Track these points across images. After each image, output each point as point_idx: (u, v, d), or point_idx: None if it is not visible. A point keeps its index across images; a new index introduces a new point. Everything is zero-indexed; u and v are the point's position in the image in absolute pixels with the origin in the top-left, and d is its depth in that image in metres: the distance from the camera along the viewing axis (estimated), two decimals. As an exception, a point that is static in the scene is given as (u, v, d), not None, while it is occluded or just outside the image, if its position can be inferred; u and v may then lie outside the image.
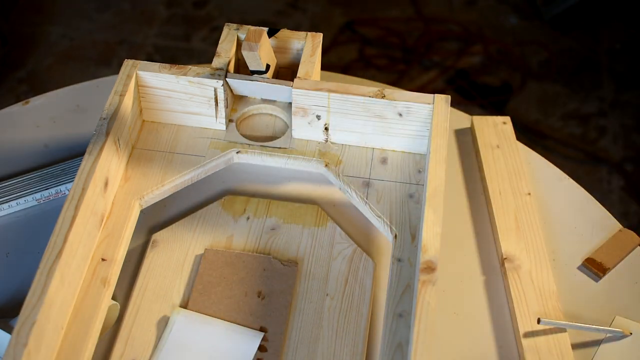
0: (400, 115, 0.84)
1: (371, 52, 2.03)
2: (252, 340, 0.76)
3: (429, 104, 0.83)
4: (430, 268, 0.73)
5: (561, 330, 0.78)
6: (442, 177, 0.79)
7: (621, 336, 0.79)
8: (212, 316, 0.78)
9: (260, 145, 0.88)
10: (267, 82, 0.86)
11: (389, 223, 0.81)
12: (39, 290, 0.68)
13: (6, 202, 0.87)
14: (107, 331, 0.78)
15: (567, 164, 1.78)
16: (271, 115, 0.92)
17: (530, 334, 0.78)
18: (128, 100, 0.84)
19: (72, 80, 1.13)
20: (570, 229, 0.88)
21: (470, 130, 0.98)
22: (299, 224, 0.86)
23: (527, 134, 1.85)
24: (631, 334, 0.79)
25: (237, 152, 0.87)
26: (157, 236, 0.85)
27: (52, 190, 0.88)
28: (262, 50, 0.84)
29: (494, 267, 0.85)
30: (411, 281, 0.77)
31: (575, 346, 0.78)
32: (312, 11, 2.12)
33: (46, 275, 0.69)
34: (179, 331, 0.77)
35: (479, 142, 0.95)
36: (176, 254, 0.83)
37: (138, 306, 0.79)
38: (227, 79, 0.86)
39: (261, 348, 0.76)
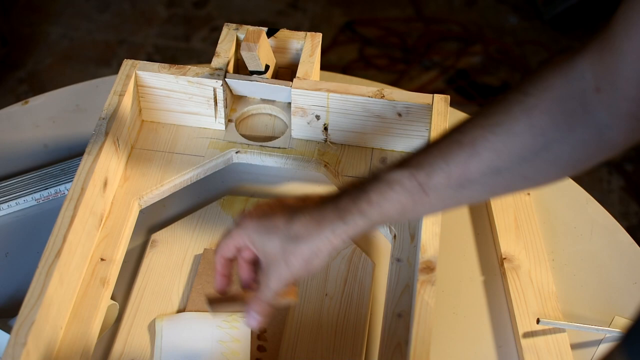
0: (400, 115, 0.84)
1: (371, 52, 2.03)
2: (243, 326, 0.76)
3: (428, 104, 0.83)
4: (429, 268, 0.73)
5: (560, 330, 0.78)
6: (442, 177, 0.79)
7: (620, 336, 0.79)
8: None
9: (260, 145, 0.88)
10: (266, 82, 0.86)
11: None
12: (38, 289, 0.68)
13: (5, 202, 0.87)
14: (106, 331, 0.78)
15: (567, 164, 1.77)
16: (270, 115, 0.92)
17: (529, 334, 0.78)
18: (127, 100, 0.84)
19: (72, 80, 1.13)
20: (570, 229, 0.88)
21: (470, 130, 0.97)
22: (298, 224, 0.86)
23: (527, 134, 1.85)
24: (630, 334, 0.79)
25: (237, 152, 0.87)
26: (156, 236, 0.85)
27: (52, 190, 0.88)
28: (261, 51, 0.84)
29: (493, 267, 0.85)
30: (410, 281, 0.76)
31: (575, 346, 0.78)
32: (312, 11, 2.12)
33: (45, 275, 0.69)
34: (169, 337, 0.76)
35: (478, 142, 0.94)
36: (175, 254, 0.83)
37: (137, 306, 0.79)
38: (226, 79, 0.86)
39: (260, 348, 0.76)
